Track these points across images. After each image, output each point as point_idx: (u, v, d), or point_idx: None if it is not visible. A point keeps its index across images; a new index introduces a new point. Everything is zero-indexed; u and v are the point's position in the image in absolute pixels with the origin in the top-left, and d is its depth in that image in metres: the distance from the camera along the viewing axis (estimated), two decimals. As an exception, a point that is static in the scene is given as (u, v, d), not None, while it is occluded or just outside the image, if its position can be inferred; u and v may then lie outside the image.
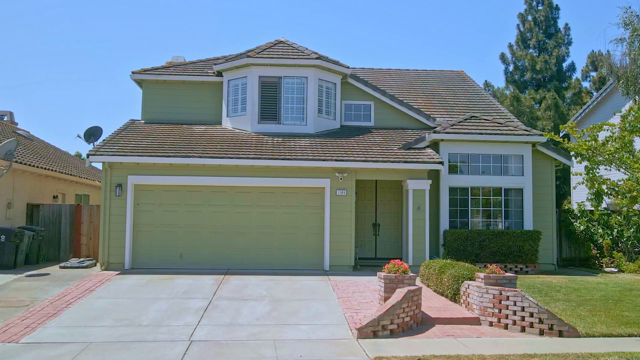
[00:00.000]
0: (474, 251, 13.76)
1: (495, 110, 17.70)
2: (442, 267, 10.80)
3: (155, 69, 16.63)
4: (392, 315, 8.15)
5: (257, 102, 15.57)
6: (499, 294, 8.70)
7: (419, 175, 13.87)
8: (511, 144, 14.48)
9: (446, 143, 14.49)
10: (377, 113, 16.66)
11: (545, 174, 14.98)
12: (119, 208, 13.23)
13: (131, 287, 11.11)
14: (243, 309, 9.47)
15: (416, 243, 13.69)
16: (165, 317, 8.90)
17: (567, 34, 35.83)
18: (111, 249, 13.16)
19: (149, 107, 16.38)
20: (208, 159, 13.28)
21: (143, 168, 13.41)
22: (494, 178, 14.48)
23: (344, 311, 9.37)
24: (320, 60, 15.51)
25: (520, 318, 8.45)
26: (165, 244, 13.46)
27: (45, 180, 17.56)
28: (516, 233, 13.86)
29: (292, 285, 11.50)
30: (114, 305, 9.62)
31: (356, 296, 10.55)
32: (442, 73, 21.76)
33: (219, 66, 16.06)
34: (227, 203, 13.69)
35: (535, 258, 13.89)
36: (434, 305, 9.82)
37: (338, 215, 13.60)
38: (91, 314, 9.02)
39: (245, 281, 11.76)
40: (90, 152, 13.15)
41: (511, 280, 9.07)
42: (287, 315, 9.10)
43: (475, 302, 9.08)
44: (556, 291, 11.03)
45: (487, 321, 8.81)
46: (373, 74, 20.40)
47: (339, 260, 13.49)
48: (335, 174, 13.62)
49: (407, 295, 8.38)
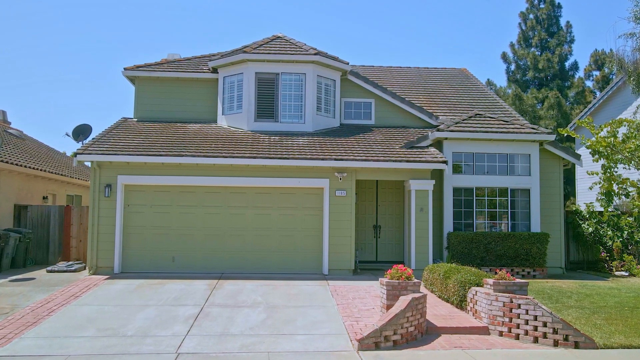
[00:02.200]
0: (479, 254, 13.19)
1: (499, 108, 17.15)
2: (447, 271, 10.24)
3: (149, 65, 16.06)
4: (396, 325, 7.58)
5: (253, 100, 15.00)
6: (509, 301, 8.12)
7: (422, 175, 13.29)
8: (518, 143, 13.91)
9: (450, 142, 13.92)
10: (378, 111, 16.10)
11: (553, 174, 14.41)
12: (108, 209, 12.65)
13: (119, 293, 10.53)
14: (236, 317, 8.89)
15: (419, 246, 13.11)
16: (152, 326, 8.32)
17: (569, 32, 35.32)
18: (100, 252, 12.57)
19: (141, 104, 15.82)
20: (202, 158, 12.70)
21: (134, 167, 12.84)
22: (500, 178, 13.91)
23: (344, 319, 8.80)
24: (319, 55, 14.95)
25: (533, 328, 7.87)
26: (156, 247, 12.87)
27: (35, 180, 16.98)
28: (523, 235, 13.28)
29: (289, 290, 10.93)
30: (99, 313, 9.04)
31: (356, 302, 9.98)
32: (445, 71, 21.22)
33: (214, 62, 15.50)
34: (222, 204, 13.12)
35: (543, 262, 13.31)
36: (439, 312, 9.25)
37: (337, 217, 13.02)
38: (73, 323, 8.44)
39: (240, 286, 11.19)
40: (78, 150, 12.57)
41: (522, 286, 8.49)
42: (283, 324, 8.53)
43: (484, 310, 8.51)
44: (567, 297, 10.46)
45: (496, 331, 8.24)
46: (373, 72, 19.83)
47: (338, 264, 12.91)
48: (334, 173, 13.05)
49: (411, 304, 7.81)
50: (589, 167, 18.41)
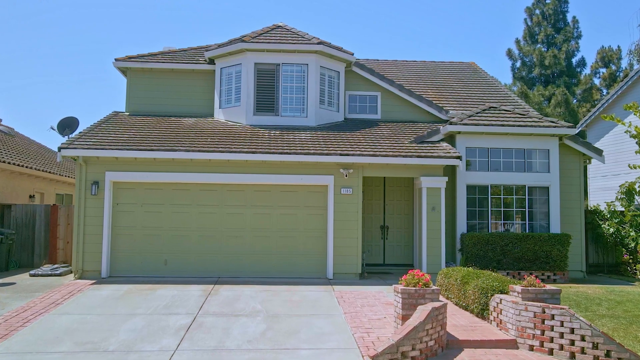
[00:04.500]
0: (495, 257, 12.26)
1: (512, 102, 16.21)
2: (465, 276, 9.31)
3: (141, 56, 15.11)
4: (414, 339, 6.64)
5: (252, 92, 14.07)
6: (541, 312, 7.19)
7: (434, 172, 12.36)
8: (536, 137, 12.97)
9: (463, 136, 12.98)
10: (384, 105, 15.16)
11: (573, 170, 13.46)
12: (95, 208, 11.71)
13: (104, 300, 9.58)
14: (233, 327, 7.96)
15: (430, 248, 12.17)
16: (138, 339, 7.38)
17: (576, 28, 34.41)
18: (86, 255, 11.64)
19: (133, 98, 14.87)
20: (197, 153, 11.77)
21: (123, 163, 11.90)
22: (517, 175, 12.97)
23: (353, 330, 7.87)
24: (322, 45, 14.01)
25: (569, 342, 6.93)
26: (147, 249, 11.94)
27: (21, 178, 16.03)
28: (543, 237, 12.35)
29: (291, 297, 9.99)
30: (80, 323, 8.10)
31: (366, 311, 9.05)
32: (452, 65, 20.30)
33: (211, 52, 14.56)
34: (218, 203, 12.19)
35: (564, 265, 12.38)
36: (459, 322, 8.32)
37: (343, 217, 12.09)
38: (49, 336, 7.49)
39: (237, 292, 10.26)
40: (62, 145, 11.63)
41: (554, 294, 7.57)
42: (285, 337, 7.59)
43: (511, 321, 7.58)
44: (597, 304, 9.53)
45: (526, 344, 7.30)
46: (378, 66, 18.89)
47: (344, 267, 11.98)
48: (339, 170, 12.11)
49: (431, 314, 6.88)
50: (610, 164, 17.47)
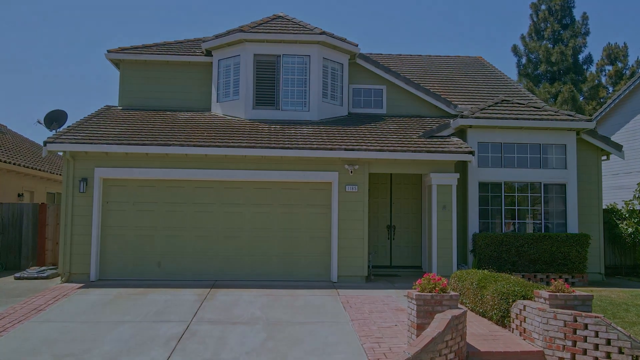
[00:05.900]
0: (510, 259, 11.54)
1: (524, 97, 15.47)
2: (482, 280, 8.58)
3: (135, 47, 14.39)
4: (432, 351, 5.90)
5: (251, 85, 13.34)
6: (572, 320, 6.46)
7: (445, 168, 11.63)
8: (552, 131, 12.24)
9: (475, 130, 12.26)
10: (390, 99, 14.44)
11: (590, 167, 12.74)
12: (83, 207, 10.99)
13: (91, 305, 8.85)
14: (230, 337, 7.23)
15: (441, 249, 11.45)
16: (124, 350, 6.65)
17: (584, 24, 33.68)
18: (74, 257, 10.91)
19: (126, 91, 14.14)
20: (192, 148, 11.06)
21: (113, 159, 11.18)
22: (532, 172, 12.25)
23: (362, 340, 7.14)
24: (325, 35, 13.29)
25: (605, 355, 6.21)
26: (139, 251, 11.22)
27: (9, 175, 15.32)
28: (561, 237, 11.62)
29: (294, 302, 9.26)
30: (61, 332, 7.37)
31: (374, 317, 8.32)
32: (459, 59, 19.56)
33: (208, 44, 13.83)
34: (215, 201, 11.46)
35: (583, 267, 11.66)
36: (477, 331, 7.59)
37: (348, 216, 11.37)
38: (26, 347, 6.76)
39: (235, 296, 9.54)
40: (48, 139, 10.90)
41: (585, 301, 6.84)
42: (287, 347, 6.86)
43: (537, 331, 6.84)
44: (624, 311, 8.80)
45: (555, 357, 6.57)
46: (383, 59, 18.15)
47: (349, 269, 11.25)
48: (344, 166, 11.39)
49: (451, 324, 6.14)
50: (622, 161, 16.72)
